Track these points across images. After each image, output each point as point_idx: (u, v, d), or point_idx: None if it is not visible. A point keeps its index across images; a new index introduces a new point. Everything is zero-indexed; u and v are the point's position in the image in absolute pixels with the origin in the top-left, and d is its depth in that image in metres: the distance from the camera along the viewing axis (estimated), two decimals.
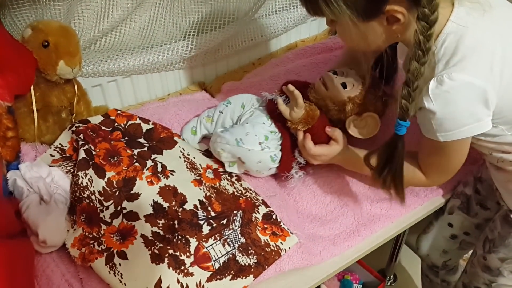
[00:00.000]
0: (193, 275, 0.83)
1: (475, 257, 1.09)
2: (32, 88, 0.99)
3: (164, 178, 0.98)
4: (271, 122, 1.06)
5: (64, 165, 0.98)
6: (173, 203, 0.94)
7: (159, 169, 1.00)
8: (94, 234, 0.87)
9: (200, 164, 1.05)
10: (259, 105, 1.14)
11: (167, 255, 0.84)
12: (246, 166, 1.02)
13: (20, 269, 0.74)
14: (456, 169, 0.91)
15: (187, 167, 1.03)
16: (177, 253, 0.85)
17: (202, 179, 1.01)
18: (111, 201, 0.93)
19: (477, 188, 1.10)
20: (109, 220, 0.90)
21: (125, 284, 0.81)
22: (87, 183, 0.92)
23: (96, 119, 1.07)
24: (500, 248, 1.01)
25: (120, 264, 0.83)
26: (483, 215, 1.11)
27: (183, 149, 1.07)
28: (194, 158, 1.06)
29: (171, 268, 0.83)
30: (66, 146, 1.03)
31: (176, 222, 0.90)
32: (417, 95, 0.74)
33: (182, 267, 0.83)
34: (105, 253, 0.84)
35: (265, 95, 1.12)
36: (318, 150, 0.99)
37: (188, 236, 0.88)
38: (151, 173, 0.98)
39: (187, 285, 0.82)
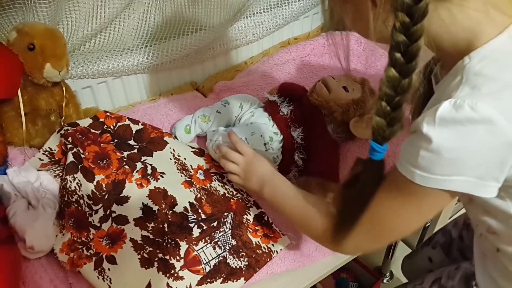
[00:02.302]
0: (183, 279, 0.83)
1: (420, 284, 0.97)
2: (19, 91, 0.97)
3: (154, 180, 0.97)
4: (273, 123, 1.06)
5: (52, 169, 0.97)
6: (163, 206, 0.93)
7: (149, 171, 0.99)
8: (83, 238, 0.86)
9: (191, 165, 1.05)
10: (258, 105, 1.13)
11: (156, 259, 0.84)
12: None
13: (6, 276, 0.73)
14: (393, 237, 0.68)
15: (177, 169, 1.02)
16: (167, 257, 0.84)
17: (192, 180, 1.00)
18: (100, 205, 0.92)
19: (462, 235, 1.02)
20: (98, 224, 0.89)
21: None
22: (75, 187, 0.92)
23: (85, 122, 1.06)
24: None
25: (109, 269, 0.82)
26: (465, 262, 0.93)
27: (173, 150, 1.06)
28: (185, 159, 1.06)
29: (160, 272, 0.82)
30: (55, 150, 1.02)
31: (166, 225, 0.89)
32: (398, 116, 0.56)
33: (172, 271, 0.83)
34: (94, 258, 0.83)
35: (266, 96, 1.12)
36: (233, 156, 0.93)
37: (178, 240, 0.87)
38: (140, 176, 0.97)
39: None
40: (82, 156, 0.97)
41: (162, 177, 0.99)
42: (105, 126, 1.07)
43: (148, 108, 1.22)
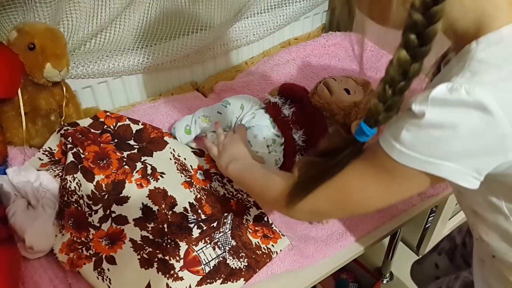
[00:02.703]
0: (183, 279, 0.82)
1: None
2: (19, 91, 0.97)
3: (153, 180, 0.97)
4: (274, 125, 1.06)
5: (52, 169, 0.97)
6: (163, 206, 0.93)
7: (149, 171, 0.99)
8: (83, 239, 0.86)
9: (191, 165, 1.04)
10: (259, 106, 1.13)
11: (156, 259, 0.83)
12: None
13: (6, 276, 0.73)
14: (353, 209, 0.66)
15: (177, 169, 1.02)
16: (167, 257, 0.84)
17: (192, 181, 1.00)
18: (100, 205, 0.92)
19: (465, 241, 1.01)
20: (98, 224, 0.89)
21: None
22: (75, 187, 0.91)
23: (85, 122, 1.06)
24: None
25: (108, 269, 0.82)
26: (465, 271, 0.93)
27: (173, 150, 1.06)
28: (185, 159, 1.05)
29: (160, 273, 0.82)
30: (55, 150, 1.02)
31: (165, 225, 0.89)
32: (398, 102, 0.54)
33: (172, 272, 0.83)
34: (93, 258, 0.83)
35: (268, 97, 1.11)
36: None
37: (177, 240, 0.87)
38: (140, 176, 0.97)
39: None
40: (82, 156, 0.97)
41: (162, 177, 0.99)
42: (105, 126, 1.06)
43: (148, 108, 1.21)
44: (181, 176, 1.01)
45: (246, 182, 0.83)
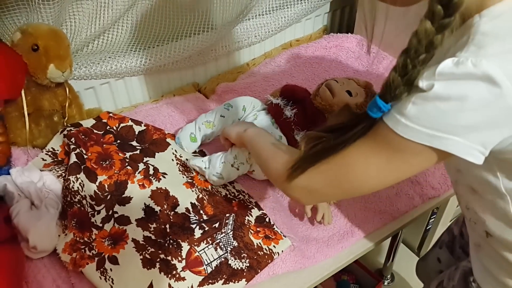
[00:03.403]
0: (185, 279, 0.83)
1: None
2: (23, 92, 0.98)
3: (156, 181, 0.98)
4: (276, 126, 1.06)
5: (55, 169, 0.97)
6: (165, 206, 0.93)
7: (151, 172, 0.99)
8: (85, 239, 0.86)
9: None
10: (261, 108, 1.13)
11: (158, 259, 0.84)
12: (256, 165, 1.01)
13: (9, 275, 0.73)
14: (351, 187, 0.63)
15: (179, 170, 1.03)
16: (169, 258, 0.84)
17: (194, 181, 1.01)
18: (103, 205, 0.92)
19: (462, 231, 1.01)
20: (101, 225, 0.89)
21: None
22: (78, 187, 0.92)
23: (88, 123, 1.06)
24: None
25: (111, 269, 0.82)
26: (464, 261, 0.92)
27: (175, 151, 1.07)
28: (187, 160, 1.06)
29: (162, 273, 0.82)
30: (58, 150, 1.02)
31: (167, 226, 0.90)
32: (418, 74, 0.53)
33: (174, 272, 0.83)
34: (96, 258, 0.83)
35: (269, 99, 1.11)
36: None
37: (179, 240, 0.87)
38: (142, 177, 0.98)
39: None
40: (85, 156, 0.97)
41: (164, 177, 0.99)
42: (108, 127, 1.07)
43: (151, 109, 1.22)
44: (183, 177, 1.01)
45: (257, 149, 0.82)
